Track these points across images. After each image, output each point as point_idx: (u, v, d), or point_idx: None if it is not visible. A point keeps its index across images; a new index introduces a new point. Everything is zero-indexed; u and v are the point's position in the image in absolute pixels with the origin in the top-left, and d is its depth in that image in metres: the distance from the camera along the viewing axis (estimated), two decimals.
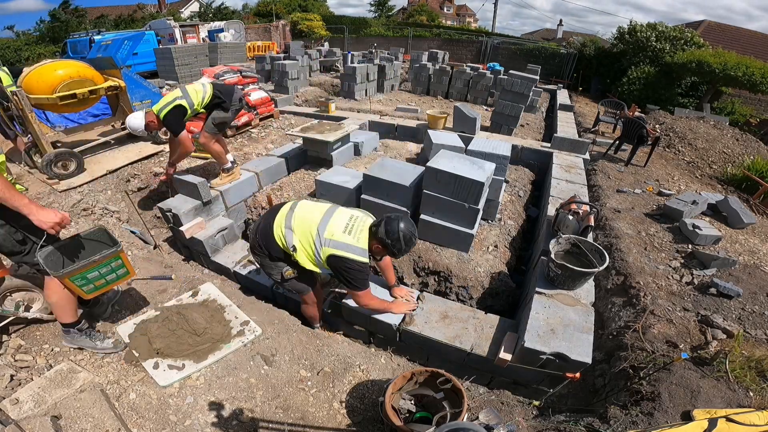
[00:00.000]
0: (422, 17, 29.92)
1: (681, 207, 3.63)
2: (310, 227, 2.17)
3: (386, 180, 3.35)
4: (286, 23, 21.56)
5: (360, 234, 2.13)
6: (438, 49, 15.33)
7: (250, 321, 2.55)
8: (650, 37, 11.79)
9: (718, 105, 11.22)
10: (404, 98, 9.20)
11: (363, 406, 2.15)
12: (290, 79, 8.34)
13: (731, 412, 1.58)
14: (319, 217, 2.18)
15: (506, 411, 2.13)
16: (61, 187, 4.10)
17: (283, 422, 1.98)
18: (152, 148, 5.11)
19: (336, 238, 2.09)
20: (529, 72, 7.51)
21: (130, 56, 4.99)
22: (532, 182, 5.03)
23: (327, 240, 2.10)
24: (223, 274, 3.40)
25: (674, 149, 6.05)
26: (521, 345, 2.13)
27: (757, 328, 2.39)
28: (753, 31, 18.29)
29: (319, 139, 4.37)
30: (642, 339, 2.32)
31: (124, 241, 3.55)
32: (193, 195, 3.55)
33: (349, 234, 2.11)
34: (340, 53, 13.23)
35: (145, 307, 2.67)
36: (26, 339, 2.32)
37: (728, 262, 2.92)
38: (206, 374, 2.17)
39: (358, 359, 2.45)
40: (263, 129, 6.03)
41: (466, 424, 1.46)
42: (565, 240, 2.63)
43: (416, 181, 3.35)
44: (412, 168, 3.55)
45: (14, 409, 1.81)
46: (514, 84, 6.39)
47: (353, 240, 2.10)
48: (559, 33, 29.99)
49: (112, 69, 4.72)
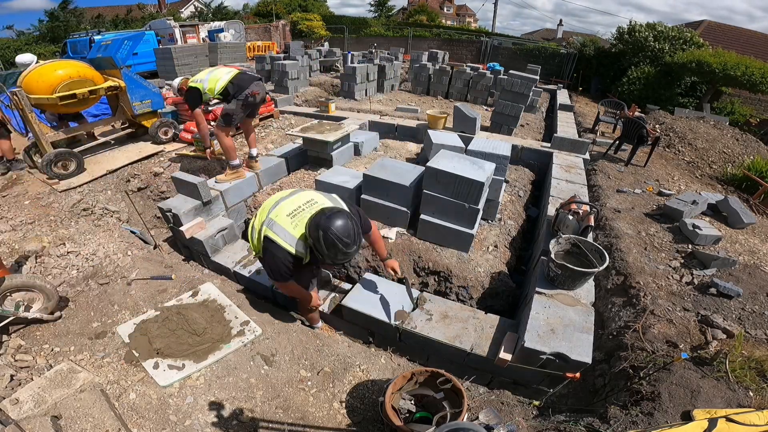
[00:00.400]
0: (422, 17, 29.91)
1: (681, 207, 3.63)
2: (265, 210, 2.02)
3: (386, 180, 3.35)
4: (286, 23, 21.57)
5: (301, 221, 1.90)
6: (438, 49, 15.33)
7: (250, 321, 2.55)
8: (649, 37, 11.79)
9: (718, 105, 11.22)
10: (404, 98, 9.20)
11: (363, 406, 2.15)
12: (290, 79, 8.34)
13: (731, 412, 1.58)
14: (277, 197, 2.03)
15: (506, 411, 2.13)
16: (61, 187, 4.10)
17: (283, 422, 1.98)
18: (152, 148, 5.11)
19: (277, 220, 1.93)
20: (529, 72, 7.51)
21: (130, 56, 4.96)
22: (532, 182, 5.03)
23: (270, 220, 1.94)
24: (223, 274, 3.40)
25: (674, 149, 6.05)
26: (521, 345, 2.13)
27: (757, 328, 2.39)
28: (753, 31, 18.30)
29: (319, 139, 4.37)
30: (642, 339, 2.32)
31: (124, 241, 3.55)
32: (193, 195, 3.55)
33: (291, 218, 1.91)
34: (340, 53, 13.23)
35: (145, 307, 2.67)
36: (26, 339, 2.32)
37: (728, 262, 2.92)
38: (206, 374, 2.17)
39: (358, 359, 2.45)
40: (263, 129, 6.03)
41: (466, 424, 1.46)
42: (565, 240, 2.63)
43: (416, 181, 3.34)
44: (412, 168, 3.55)
45: (14, 409, 1.81)
46: (514, 84, 6.39)
47: (291, 226, 1.90)
48: (559, 33, 29.99)
49: (112, 69, 4.71)
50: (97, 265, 3.11)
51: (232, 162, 3.94)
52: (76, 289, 2.82)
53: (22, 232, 3.40)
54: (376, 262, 3.37)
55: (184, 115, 5.96)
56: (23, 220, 3.58)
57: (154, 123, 5.19)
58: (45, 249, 3.20)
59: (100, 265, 3.12)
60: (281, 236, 1.90)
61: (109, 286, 2.89)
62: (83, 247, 3.33)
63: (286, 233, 1.91)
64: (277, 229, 1.92)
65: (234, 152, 3.91)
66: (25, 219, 3.59)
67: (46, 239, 3.33)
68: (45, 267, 3.02)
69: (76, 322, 2.51)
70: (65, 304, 2.65)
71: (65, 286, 2.84)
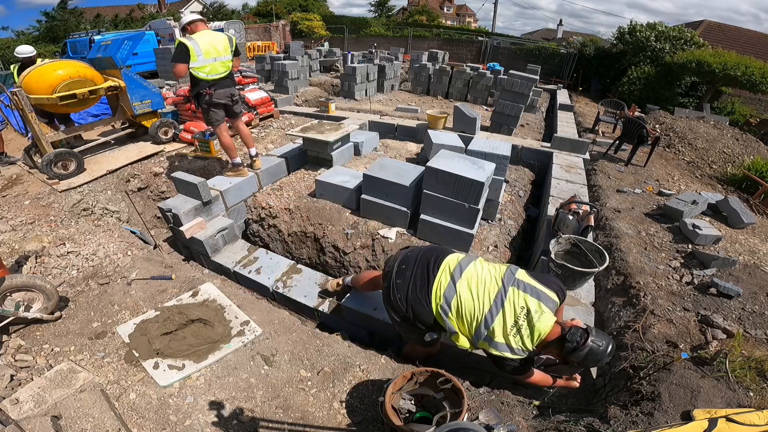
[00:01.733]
0: (422, 17, 29.92)
1: (681, 207, 3.63)
2: (475, 315, 1.76)
3: (386, 180, 3.35)
4: (286, 23, 21.58)
5: (526, 332, 1.70)
6: (438, 49, 15.34)
7: (250, 321, 2.55)
8: (650, 37, 11.79)
9: (718, 105, 11.22)
10: (404, 98, 9.20)
11: (363, 406, 2.14)
12: (290, 79, 8.35)
13: (731, 412, 1.58)
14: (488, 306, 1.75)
15: (506, 411, 2.12)
16: (61, 187, 4.10)
17: (283, 422, 1.98)
18: (152, 148, 5.11)
19: (497, 339, 1.72)
20: (529, 72, 7.51)
21: (130, 56, 4.96)
22: (532, 182, 5.03)
23: (487, 336, 1.74)
24: (223, 274, 3.40)
25: (674, 149, 6.05)
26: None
27: (757, 328, 2.39)
28: (753, 31, 18.30)
29: (319, 139, 4.37)
30: (642, 339, 2.32)
31: (125, 241, 3.55)
32: (193, 195, 3.55)
33: (515, 335, 1.71)
34: (340, 53, 13.23)
35: (145, 307, 2.67)
36: (26, 339, 2.32)
37: (728, 262, 2.92)
38: (206, 374, 2.17)
39: (358, 359, 2.45)
40: (263, 129, 6.03)
41: (466, 424, 1.45)
42: (565, 240, 2.63)
43: (416, 180, 3.35)
44: (412, 168, 3.55)
45: (14, 409, 1.81)
46: (514, 84, 6.39)
47: (516, 342, 1.70)
48: (559, 33, 30.01)
49: (112, 69, 4.71)
50: (97, 265, 3.11)
51: (232, 160, 3.96)
52: (76, 289, 2.82)
53: (22, 232, 3.40)
54: (376, 262, 3.37)
55: (184, 115, 5.97)
56: (23, 220, 3.58)
57: (154, 123, 5.20)
58: (45, 249, 3.20)
59: (100, 265, 3.12)
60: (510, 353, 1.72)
61: (109, 286, 2.88)
62: (83, 247, 3.33)
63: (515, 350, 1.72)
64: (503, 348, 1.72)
65: (232, 151, 3.94)
66: (25, 219, 3.59)
67: (46, 239, 3.33)
68: (45, 267, 3.02)
69: (76, 322, 2.51)
70: (65, 304, 2.65)
71: (65, 286, 2.84)
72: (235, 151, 3.99)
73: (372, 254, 3.39)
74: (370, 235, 3.45)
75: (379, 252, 3.37)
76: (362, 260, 3.42)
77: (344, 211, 3.71)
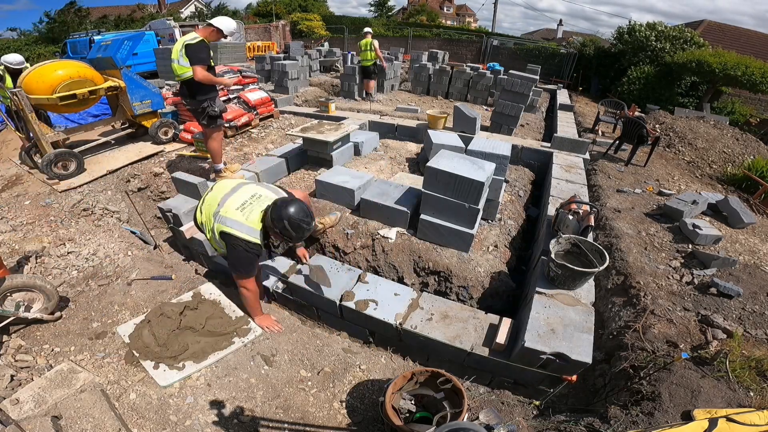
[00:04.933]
0: (422, 17, 29.93)
1: (681, 207, 3.63)
2: (213, 206, 2.16)
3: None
4: (286, 23, 21.56)
5: (251, 213, 2.08)
6: (438, 49, 15.32)
7: (251, 321, 2.55)
8: (650, 36, 11.78)
9: (718, 105, 11.21)
10: (404, 98, 9.20)
11: (363, 406, 2.15)
12: (290, 79, 8.34)
13: (732, 411, 1.57)
14: (221, 195, 2.17)
15: (506, 411, 2.13)
16: (61, 187, 4.10)
17: (283, 422, 1.98)
18: (152, 148, 5.11)
19: (228, 215, 2.07)
20: (529, 72, 7.51)
21: (130, 56, 4.96)
22: (532, 182, 5.03)
23: (220, 216, 2.08)
24: (223, 274, 3.40)
25: (674, 149, 6.05)
26: (521, 345, 2.13)
27: (757, 327, 2.39)
28: (753, 30, 18.28)
29: (319, 139, 4.37)
30: (642, 339, 2.32)
31: (125, 241, 3.55)
32: (193, 195, 3.55)
33: (241, 212, 2.07)
34: (340, 53, 13.23)
35: (145, 307, 2.67)
36: (26, 339, 2.32)
37: (728, 261, 2.92)
38: (206, 374, 2.17)
39: (358, 359, 2.45)
40: (263, 129, 6.03)
41: (466, 424, 1.45)
42: (565, 240, 2.63)
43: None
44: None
45: (14, 410, 1.81)
46: (514, 84, 6.39)
47: (243, 218, 2.06)
48: (559, 33, 29.98)
49: (112, 69, 4.71)
50: (97, 265, 3.11)
51: (215, 166, 4.12)
52: (76, 289, 2.82)
53: (23, 233, 3.40)
54: (376, 263, 3.37)
55: (184, 115, 5.97)
56: (23, 220, 3.58)
57: (154, 123, 5.20)
58: (45, 249, 3.20)
59: (101, 265, 3.12)
60: (240, 230, 2.04)
61: (109, 286, 2.89)
62: (83, 247, 3.33)
63: (243, 226, 2.04)
64: (231, 223, 2.05)
65: (217, 156, 4.08)
66: (26, 219, 3.59)
67: (46, 239, 3.33)
68: (45, 267, 3.02)
69: (76, 322, 2.51)
70: (65, 304, 2.65)
71: (65, 287, 2.84)
72: (219, 156, 4.14)
73: (372, 254, 3.39)
74: (370, 235, 3.45)
75: (379, 252, 3.37)
76: (362, 260, 3.42)
77: (344, 211, 3.72)
